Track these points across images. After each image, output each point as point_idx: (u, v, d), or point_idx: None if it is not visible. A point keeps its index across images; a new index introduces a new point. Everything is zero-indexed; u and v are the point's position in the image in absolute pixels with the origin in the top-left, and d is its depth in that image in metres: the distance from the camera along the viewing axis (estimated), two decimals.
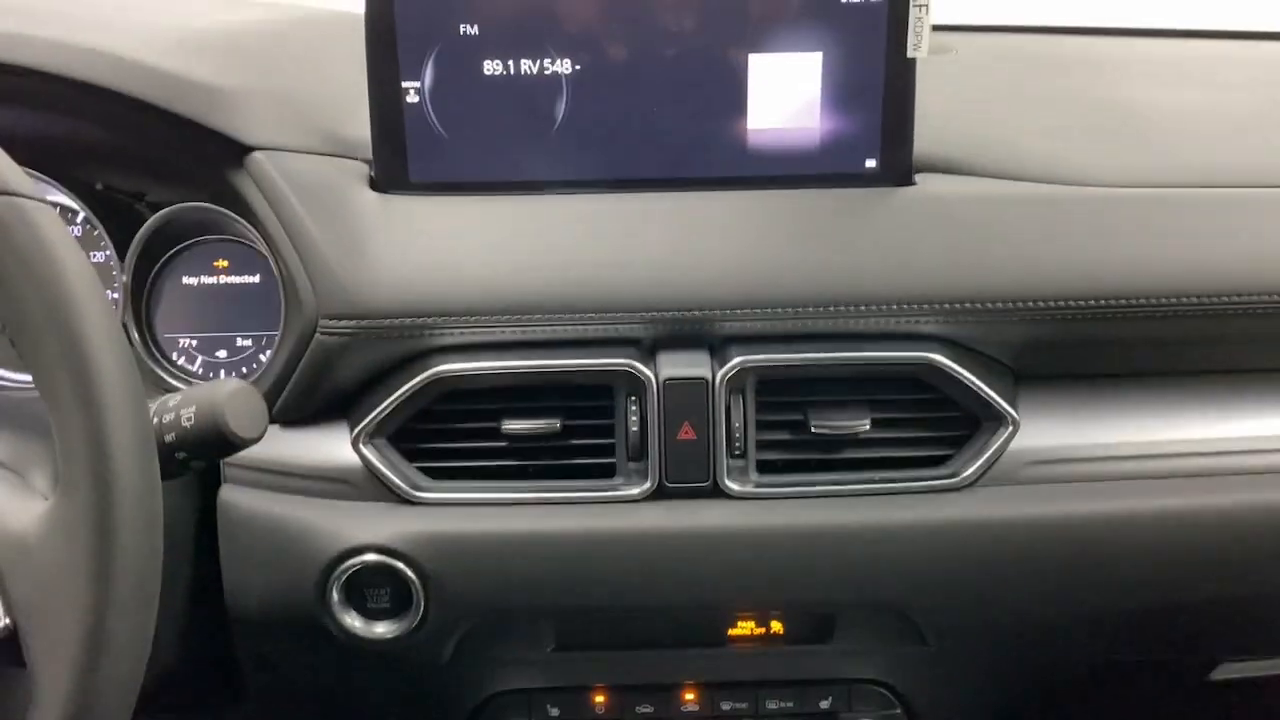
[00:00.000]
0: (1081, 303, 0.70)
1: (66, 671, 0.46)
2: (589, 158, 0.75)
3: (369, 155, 0.75)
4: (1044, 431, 0.73)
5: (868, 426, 0.71)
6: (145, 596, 0.48)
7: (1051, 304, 0.70)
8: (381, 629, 0.71)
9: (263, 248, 0.76)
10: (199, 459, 0.54)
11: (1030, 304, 0.70)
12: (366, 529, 0.70)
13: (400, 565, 0.70)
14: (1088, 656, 0.81)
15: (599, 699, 0.78)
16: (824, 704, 0.77)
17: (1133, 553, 0.72)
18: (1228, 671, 0.87)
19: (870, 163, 0.74)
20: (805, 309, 0.70)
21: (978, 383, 0.71)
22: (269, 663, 0.76)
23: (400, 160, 0.74)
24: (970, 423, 0.72)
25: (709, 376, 0.70)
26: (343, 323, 0.70)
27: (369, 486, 0.72)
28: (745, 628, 0.75)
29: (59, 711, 0.46)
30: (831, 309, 0.70)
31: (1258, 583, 0.75)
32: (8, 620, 0.48)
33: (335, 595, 0.71)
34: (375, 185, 0.75)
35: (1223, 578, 0.74)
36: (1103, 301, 0.70)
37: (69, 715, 0.46)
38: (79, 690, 0.46)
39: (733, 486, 0.71)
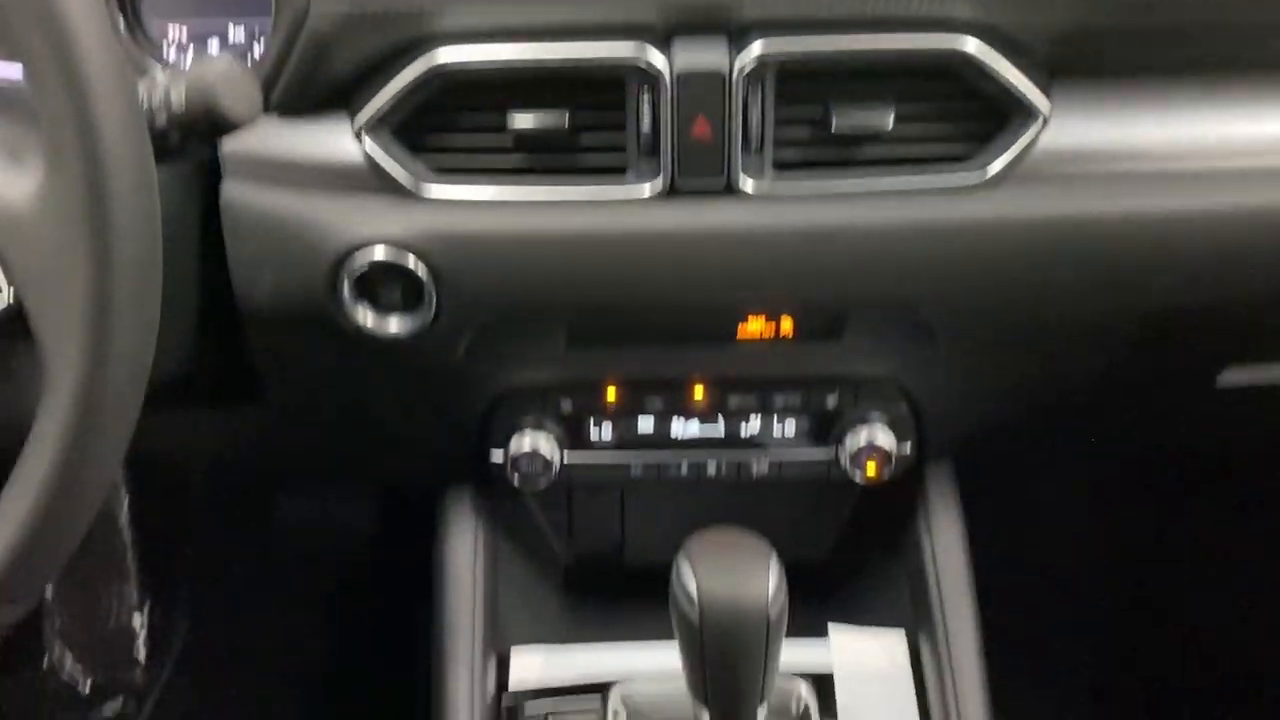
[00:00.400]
0: None
1: (75, 343, 0.47)
2: None
3: None
4: (1075, 127, 0.70)
5: (891, 124, 0.68)
6: (146, 265, 0.49)
7: None
8: (394, 326, 0.71)
9: None
10: (191, 139, 0.52)
11: None
12: (375, 224, 0.69)
13: (411, 261, 0.70)
14: (1092, 365, 0.82)
15: (610, 393, 0.80)
16: (831, 399, 0.79)
17: (1154, 251, 0.71)
18: (1234, 378, 0.87)
19: None
20: None
21: (1009, 73, 0.67)
22: (283, 364, 0.77)
23: None
24: (999, 118, 0.69)
25: (726, 68, 0.66)
26: (334, 5, 0.66)
27: (374, 181, 0.70)
28: (756, 324, 0.75)
29: (71, 383, 0.47)
30: None
31: (1268, 282, 0.74)
32: (11, 298, 0.48)
33: (346, 290, 0.71)
34: None
35: (1241, 276, 0.73)
36: None
37: (80, 385, 0.47)
38: (89, 361, 0.47)
39: (749, 185, 0.69)
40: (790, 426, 0.80)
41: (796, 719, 0.76)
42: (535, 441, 0.79)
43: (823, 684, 0.78)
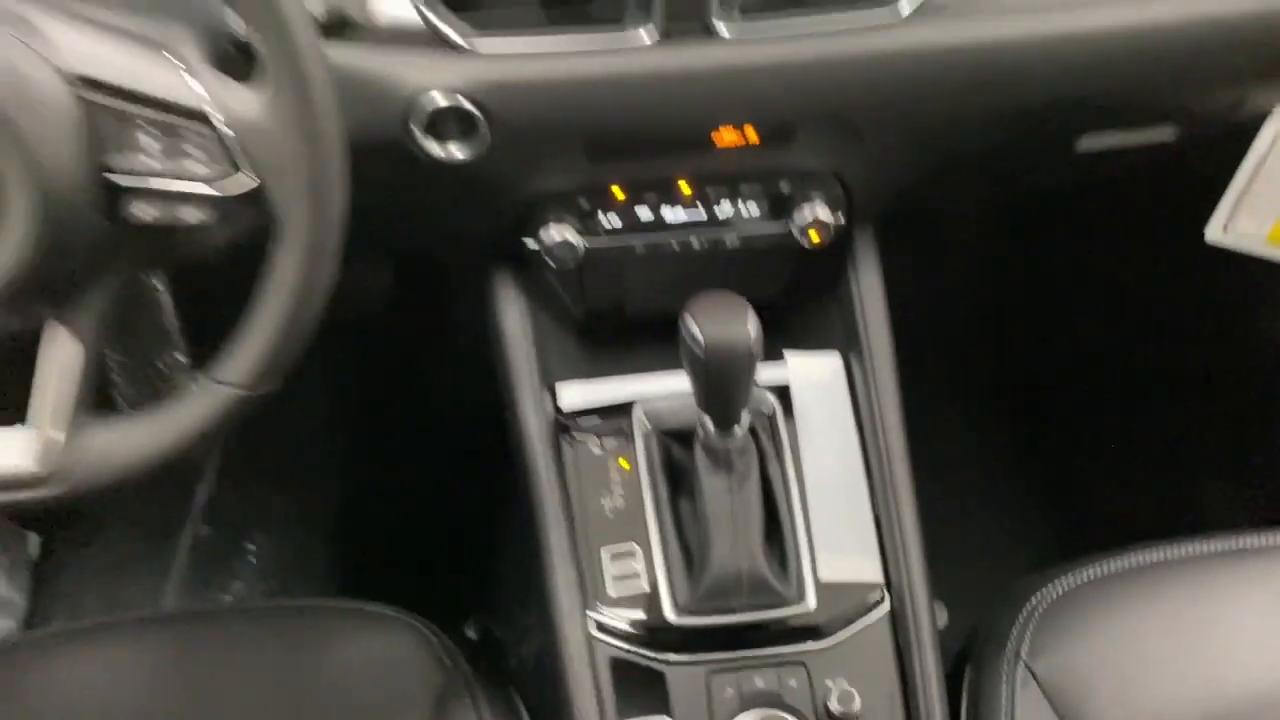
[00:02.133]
0: None
1: (301, 207, 0.70)
2: None
3: None
4: None
5: None
6: (339, 152, 0.71)
7: None
8: (458, 153, 0.93)
9: None
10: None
11: None
12: (435, 74, 0.90)
13: (466, 104, 0.91)
14: (979, 143, 1.06)
15: (617, 191, 1.03)
16: (784, 185, 1.03)
17: (1020, 62, 0.95)
18: (1089, 144, 1.14)
19: None
20: None
21: None
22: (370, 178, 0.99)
23: None
24: None
25: None
26: None
27: (425, 35, 0.89)
28: (728, 135, 0.98)
29: (301, 233, 0.71)
30: None
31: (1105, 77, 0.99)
32: (257, 180, 0.70)
33: (416, 128, 0.92)
34: None
35: (1087, 74, 0.98)
36: None
37: (308, 234, 0.71)
38: (312, 218, 0.70)
39: (722, 29, 0.90)
40: (754, 208, 1.05)
41: (768, 418, 1.06)
42: (562, 232, 1.03)
43: (783, 393, 1.08)
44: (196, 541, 1.61)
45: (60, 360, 0.74)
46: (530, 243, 1.04)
